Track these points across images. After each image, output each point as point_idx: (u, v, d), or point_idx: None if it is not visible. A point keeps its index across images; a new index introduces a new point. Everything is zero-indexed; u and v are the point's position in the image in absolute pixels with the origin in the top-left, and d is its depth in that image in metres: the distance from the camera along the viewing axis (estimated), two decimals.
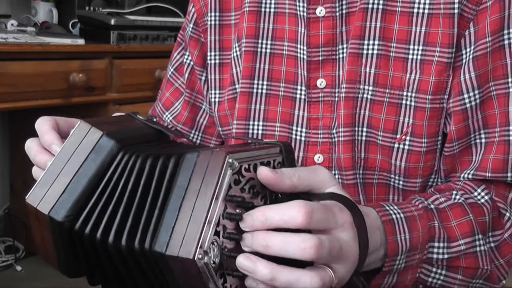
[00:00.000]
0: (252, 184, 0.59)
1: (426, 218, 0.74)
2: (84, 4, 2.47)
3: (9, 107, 2.05)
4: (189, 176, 0.59)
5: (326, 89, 0.87)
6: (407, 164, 0.83)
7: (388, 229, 0.69)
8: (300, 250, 0.55)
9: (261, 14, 0.91)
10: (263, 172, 0.58)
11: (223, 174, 0.56)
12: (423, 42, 0.81)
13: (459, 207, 0.77)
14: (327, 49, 0.86)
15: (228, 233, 0.57)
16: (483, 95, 0.81)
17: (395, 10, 0.83)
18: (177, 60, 1.04)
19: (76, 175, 0.65)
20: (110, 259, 0.64)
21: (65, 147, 0.67)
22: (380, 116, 0.83)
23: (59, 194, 0.65)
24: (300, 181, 0.59)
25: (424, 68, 0.81)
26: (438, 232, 0.74)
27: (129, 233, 0.61)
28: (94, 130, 0.67)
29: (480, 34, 0.80)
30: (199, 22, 0.98)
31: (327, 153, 0.87)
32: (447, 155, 0.83)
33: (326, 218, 0.57)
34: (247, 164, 0.58)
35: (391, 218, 0.70)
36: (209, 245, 0.55)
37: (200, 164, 0.58)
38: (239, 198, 0.57)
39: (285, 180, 0.58)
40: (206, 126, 1.02)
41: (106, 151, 0.65)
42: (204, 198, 0.56)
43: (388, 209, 0.72)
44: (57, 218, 0.64)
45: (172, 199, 0.59)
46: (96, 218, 0.63)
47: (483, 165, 0.80)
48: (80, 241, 0.64)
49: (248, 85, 0.91)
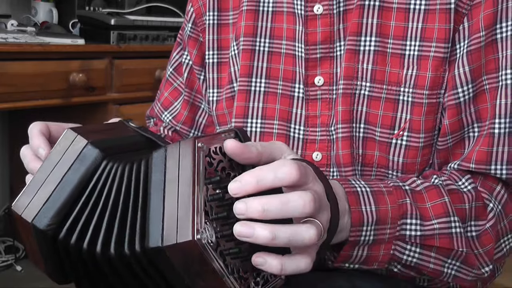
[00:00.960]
0: (222, 166, 0.60)
1: (396, 194, 0.75)
2: (84, 4, 2.47)
3: (9, 107, 2.05)
4: (163, 169, 0.59)
5: (324, 86, 0.87)
6: (404, 160, 0.83)
7: (351, 199, 0.71)
8: (300, 207, 0.56)
9: (259, 12, 0.91)
10: (230, 144, 0.59)
11: (197, 157, 0.57)
12: (420, 37, 0.82)
13: (434, 190, 0.77)
14: (324, 47, 0.87)
15: (215, 214, 0.57)
16: (476, 89, 0.81)
17: (391, 7, 0.83)
18: (176, 60, 1.05)
19: (60, 184, 0.65)
20: (97, 267, 0.64)
21: (51, 156, 0.67)
22: (378, 112, 0.83)
23: (43, 202, 0.65)
24: (263, 148, 0.61)
25: (421, 63, 0.82)
26: (411, 209, 0.74)
27: (117, 240, 0.61)
28: (79, 138, 0.67)
29: (474, 28, 0.80)
30: (197, 21, 0.98)
31: (325, 151, 0.87)
32: (441, 148, 0.83)
33: (307, 173, 0.59)
34: (213, 147, 0.59)
35: (355, 190, 0.72)
36: (203, 225, 0.56)
37: (171, 156, 0.59)
38: (217, 178, 0.58)
39: (251, 148, 0.60)
40: (205, 125, 1.03)
41: (90, 160, 0.65)
42: (185, 183, 0.57)
43: (353, 182, 0.73)
44: (39, 226, 0.64)
45: (152, 196, 0.60)
46: (81, 228, 0.63)
47: (469, 156, 0.81)
48: (65, 250, 0.65)
49: (246, 83, 0.91)
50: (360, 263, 0.75)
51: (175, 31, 2.45)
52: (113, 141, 0.70)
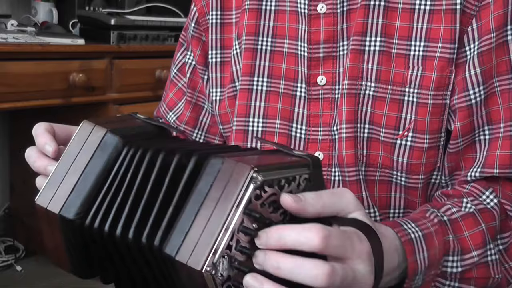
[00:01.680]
0: (272, 199, 0.57)
1: (441, 232, 0.73)
2: (84, 4, 2.47)
3: (9, 107, 2.05)
4: (211, 182, 0.57)
5: (326, 86, 0.87)
6: (409, 161, 0.83)
7: (407, 250, 0.68)
8: (312, 276, 0.53)
9: (262, 11, 0.91)
10: (286, 201, 0.56)
11: (245, 187, 0.55)
12: (425, 38, 0.82)
13: (471, 217, 0.76)
14: (327, 46, 0.87)
15: (241, 247, 0.56)
16: (488, 91, 0.81)
17: (396, 7, 0.83)
18: (180, 61, 1.05)
19: (83, 173, 0.65)
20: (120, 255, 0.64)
21: (70, 147, 0.68)
22: (382, 112, 0.83)
23: (68, 193, 0.65)
24: (324, 208, 0.57)
25: (426, 64, 0.81)
26: (453, 245, 0.73)
27: (137, 226, 0.61)
28: (97, 128, 0.67)
29: (483, 30, 0.80)
30: (200, 21, 0.98)
31: (327, 151, 0.87)
32: (452, 151, 0.83)
33: (343, 246, 0.56)
34: (270, 180, 0.56)
35: (410, 238, 0.69)
36: (220, 257, 0.54)
37: (223, 172, 0.57)
38: (257, 214, 0.55)
39: (308, 209, 0.56)
40: (209, 125, 1.02)
41: (111, 147, 0.66)
42: (222, 208, 0.55)
43: (406, 228, 0.70)
44: (68, 216, 0.64)
45: (190, 203, 0.58)
46: (104, 212, 0.63)
47: (490, 161, 0.80)
48: (91, 237, 0.64)
49: (248, 82, 0.91)
50: None
51: (175, 31, 2.45)
52: (129, 129, 0.70)
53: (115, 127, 0.68)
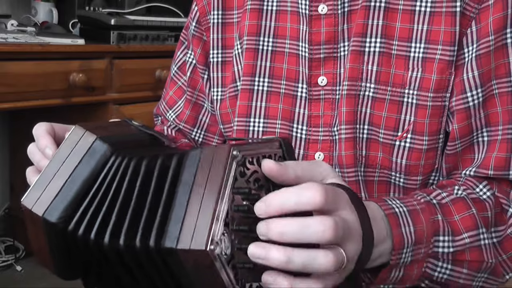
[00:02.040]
0: (256, 177, 0.59)
1: (429, 211, 0.74)
2: (84, 4, 2.47)
3: (9, 107, 2.05)
4: (194, 171, 0.59)
5: (327, 86, 0.87)
6: (408, 162, 0.83)
7: (392, 222, 0.69)
8: (319, 232, 0.54)
9: (263, 12, 0.91)
10: (267, 164, 0.58)
11: (228, 166, 0.57)
12: (425, 40, 0.82)
13: (461, 201, 0.77)
14: (328, 47, 0.87)
15: (237, 225, 0.57)
16: (486, 94, 0.81)
17: (397, 8, 0.83)
18: (180, 59, 1.05)
19: (70, 178, 0.66)
20: (106, 260, 0.64)
21: (60, 150, 0.68)
22: (382, 113, 0.83)
23: (53, 196, 0.65)
24: (304, 171, 0.59)
25: (426, 66, 0.82)
26: (442, 225, 0.74)
27: (127, 232, 0.61)
28: (88, 134, 0.67)
29: (482, 32, 0.80)
30: (201, 20, 0.98)
31: (327, 151, 0.87)
32: (450, 153, 0.83)
33: (336, 199, 0.57)
34: (250, 157, 0.59)
35: (394, 212, 0.70)
36: (220, 236, 0.55)
37: (204, 159, 0.59)
38: (246, 189, 0.57)
39: (289, 171, 0.58)
40: (208, 124, 1.03)
41: (99, 154, 0.66)
42: (211, 190, 0.57)
43: (390, 203, 0.72)
44: (50, 220, 0.64)
45: (178, 195, 0.59)
46: (89, 219, 0.64)
47: (486, 162, 0.81)
48: (74, 242, 0.65)
49: (249, 83, 0.91)
50: (394, 283, 0.73)
51: (175, 31, 2.45)
52: (120, 137, 0.70)
53: (106, 134, 0.69)
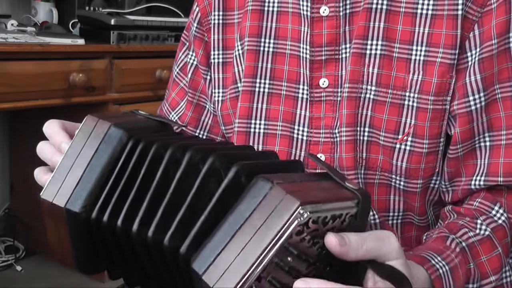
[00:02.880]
0: (314, 235, 0.55)
1: (464, 262, 0.74)
2: (84, 4, 2.47)
3: (9, 107, 2.05)
4: (255, 207, 0.55)
5: (328, 88, 0.87)
6: (408, 165, 0.83)
7: (437, 286, 0.69)
8: None
9: (264, 13, 0.91)
10: (330, 243, 0.55)
11: (288, 224, 0.53)
12: (426, 43, 0.81)
13: (488, 241, 0.77)
14: (330, 49, 0.86)
15: (271, 279, 0.54)
16: (488, 98, 0.81)
17: (399, 11, 0.83)
18: (182, 60, 1.04)
19: (88, 167, 0.65)
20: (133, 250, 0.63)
21: (75, 142, 0.67)
22: (382, 116, 0.83)
23: (73, 186, 0.65)
24: (366, 254, 0.57)
25: (427, 69, 0.81)
26: (473, 273, 0.75)
27: (158, 226, 0.59)
28: (101, 122, 0.67)
29: (485, 36, 0.80)
30: (203, 21, 0.98)
31: (328, 153, 0.87)
32: (452, 157, 0.83)
33: None
34: (316, 217, 0.54)
35: (438, 274, 0.70)
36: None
37: (269, 199, 0.54)
38: (295, 251, 0.54)
39: (350, 254, 0.56)
40: (211, 125, 1.02)
41: (116, 140, 0.65)
42: (261, 238, 0.53)
43: (434, 263, 0.71)
44: (74, 209, 0.64)
45: (228, 221, 0.55)
46: (114, 206, 0.63)
47: (493, 170, 0.80)
48: (98, 230, 0.64)
49: (250, 84, 0.91)
50: None
51: (175, 31, 2.45)
52: (132, 123, 0.70)
53: (119, 121, 0.68)
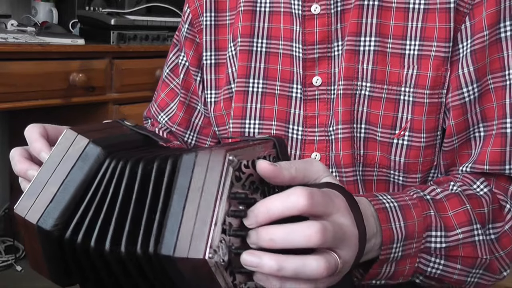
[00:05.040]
0: (251, 180, 0.59)
1: (421, 207, 0.74)
2: (84, 4, 2.47)
3: (9, 107, 2.05)
4: (190, 176, 0.58)
5: (321, 86, 0.87)
6: (406, 160, 0.83)
7: (381, 217, 0.69)
8: (306, 237, 0.54)
9: (256, 13, 0.91)
10: (262, 166, 0.58)
11: (225, 171, 0.56)
12: (420, 37, 0.82)
13: (455, 197, 0.77)
14: (322, 47, 0.87)
15: (234, 231, 0.56)
16: (481, 89, 0.81)
17: (390, 6, 0.83)
18: (173, 61, 1.05)
19: (63, 184, 0.64)
20: (106, 266, 0.63)
21: (52, 156, 0.66)
22: (379, 112, 0.83)
23: (46, 203, 0.64)
24: (297, 172, 0.59)
25: (422, 63, 0.82)
26: (435, 221, 0.74)
27: (128, 238, 0.60)
28: (80, 138, 0.66)
29: (476, 28, 0.80)
30: (194, 22, 0.98)
31: (324, 151, 0.87)
32: (447, 149, 0.83)
33: (325, 202, 0.57)
34: (245, 161, 0.58)
35: (384, 207, 0.70)
36: (218, 243, 0.55)
37: (199, 163, 0.58)
38: (242, 195, 0.57)
39: (283, 172, 0.58)
40: (201, 126, 1.03)
41: (93, 158, 0.65)
42: (208, 196, 0.56)
43: (381, 198, 0.72)
44: (45, 227, 0.63)
45: (174, 201, 0.58)
46: (87, 226, 0.62)
47: (481, 158, 0.80)
48: (71, 250, 0.64)
49: (244, 84, 0.91)
50: (387, 279, 0.73)
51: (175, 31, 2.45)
52: (113, 139, 0.69)
53: (99, 136, 0.67)
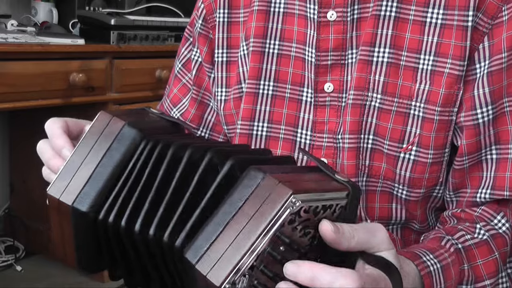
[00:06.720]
0: (306, 224, 0.56)
1: (458, 262, 0.74)
2: (84, 4, 2.47)
3: (9, 107, 2.05)
4: (247, 196, 0.55)
5: (333, 93, 0.86)
6: (411, 174, 0.82)
7: (426, 283, 0.69)
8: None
9: (270, 13, 0.90)
10: (324, 228, 0.56)
11: (281, 212, 0.53)
12: (435, 52, 0.80)
13: (485, 245, 0.77)
14: (336, 54, 0.85)
15: (264, 268, 0.54)
16: (497, 111, 0.80)
17: (407, 19, 0.82)
18: (185, 56, 1.02)
19: (99, 165, 0.64)
20: (135, 250, 0.62)
21: (86, 138, 0.66)
22: (387, 124, 0.82)
23: (82, 184, 0.63)
24: (357, 244, 0.58)
25: (434, 79, 0.80)
26: (467, 275, 0.74)
27: (159, 223, 0.59)
28: (115, 120, 0.66)
29: (495, 49, 0.79)
30: (208, 18, 0.97)
31: (331, 158, 0.86)
32: (457, 168, 0.82)
33: None
34: (308, 206, 0.55)
35: (429, 271, 0.70)
36: (240, 277, 0.53)
37: (262, 189, 0.55)
38: (287, 239, 0.54)
39: (343, 243, 0.57)
40: (214, 123, 1.00)
41: (129, 140, 0.64)
42: (254, 227, 0.53)
43: (425, 260, 0.71)
44: (81, 209, 0.62)
45: (220, 212, 0.56)
46: (120, 206, 0.62)
47: (500, 183, 0.80)
48: (104, 231, 0.63)
49: (254, 86, 0.90)
50: None
51: (175, 31, 2.45)
52: (145, 123, 0.68)
53: (132, 120, 0.67)
